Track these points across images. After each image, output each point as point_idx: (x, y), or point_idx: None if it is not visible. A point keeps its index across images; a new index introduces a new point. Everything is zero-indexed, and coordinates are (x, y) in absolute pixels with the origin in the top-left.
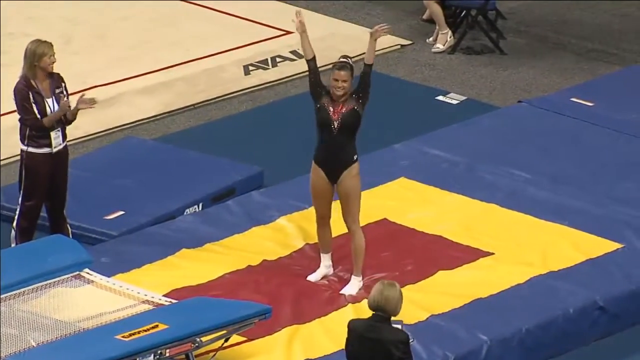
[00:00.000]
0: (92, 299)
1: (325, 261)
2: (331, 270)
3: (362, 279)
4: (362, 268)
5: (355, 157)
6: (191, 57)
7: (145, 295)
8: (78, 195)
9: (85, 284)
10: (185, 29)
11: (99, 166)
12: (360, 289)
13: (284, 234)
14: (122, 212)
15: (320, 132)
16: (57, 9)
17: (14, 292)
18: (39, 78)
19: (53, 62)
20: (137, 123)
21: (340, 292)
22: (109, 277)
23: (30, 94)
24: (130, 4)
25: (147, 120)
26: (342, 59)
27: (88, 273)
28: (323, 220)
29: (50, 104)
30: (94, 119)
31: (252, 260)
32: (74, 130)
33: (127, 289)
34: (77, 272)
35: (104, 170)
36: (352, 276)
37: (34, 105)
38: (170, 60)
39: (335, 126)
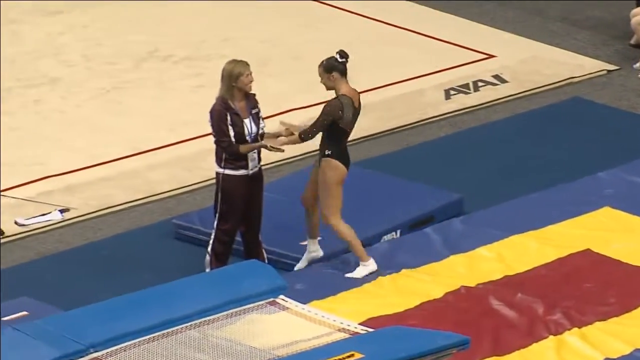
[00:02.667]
0: (287, 327)
1: (311, 246)
2: (320, 253)
3: (368, 262)
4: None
5: (327, 152)
6: (390, 80)
7: (341, 323)
8: (273, 220)
9: (280, 311)
10: (384, 52)
11: (295, 191)
12: (367, 274)
13: (483, 264)
14: (318, 238)
15: None
16: (253, 30)
17: (208, 317)
18: (236, 98)
19: (251, 82)
20: None
21: (345, 275)
22: (304, 304)
23: (228, 115)
24: (327, 26)
25: (354, 142)
26: (328, 58)
27: (283, 299)
28: (305, 203)
29: (248, 125)
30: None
31: (450, 288)
32: (270, 155)
33: (323, 316)
34: (272, 299)
35: (299, 195)
36: (360, 263)
37: (230, 127)
38: (369, 84)
39: None
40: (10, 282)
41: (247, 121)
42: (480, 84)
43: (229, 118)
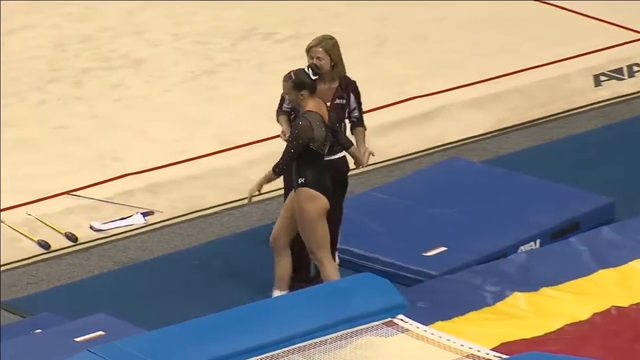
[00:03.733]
0: (407, 352)
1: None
2: None
3: None
4: None
5: (300, 181)
6: (528, 64)
7: (470, 348)
8: (391, 227)
9: (398, 333)
10: (521, 31)
11: (417, 192)
12: None
13: (638, 280)
14: (443, 248)
15: None
16: (367, 5)
17: (314, 340)
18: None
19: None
20: (463, 142)
21: None
22: (426, 325)
23: None
24: (450, 3)
25: (475, 138)
26: (297, 70)
27: (402, 320)
28: (275, 243)
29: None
30: (412, 136)
31: (598, 308)
32: (390, 149)
33: (448, 340)
34: (389, 319)
35: (422, 197)
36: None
37: None
38: (503, 69)
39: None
40: (85, 296)
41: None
42: (635, 68)
43: None
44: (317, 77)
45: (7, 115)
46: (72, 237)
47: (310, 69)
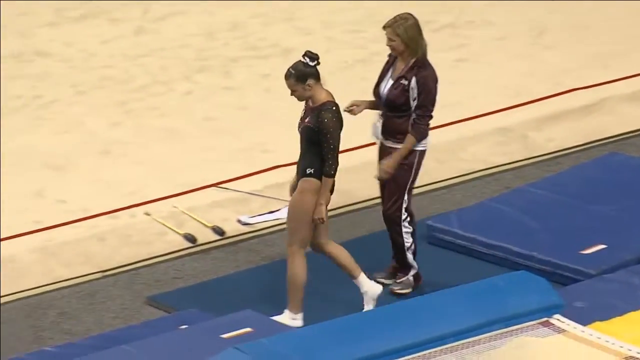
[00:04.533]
0: (563, 352)
1: (363, 285)
2: (376, 290)
3: (299, 314)
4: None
5: (308, 171)
6: None
7: (629, 350)
8: (548, 223)
9: (555, 333)
10: None
11: (575, 188)
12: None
13: None
14: (602, 246)
15: None
16: None
17: (467, 339)
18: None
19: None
20: (623, 136)
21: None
22: (584, 325)
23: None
24: None
25: (636, 133)
26: (294, 64)
27: (558, 320)
28: (315, 241)
29: (384, 85)
30: (570, 130)
31: None
32: (547, 143)
33: (607, 341)
34: (545, 318)
35: (580, 194)
36: (286, 309)
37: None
38: None
39: (299, 134)
40: (232, 291)
41: (384, 83)
42: None
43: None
44: (316, 62)
45: (157, 105)
46: (219, 231)
47: (306, 57)
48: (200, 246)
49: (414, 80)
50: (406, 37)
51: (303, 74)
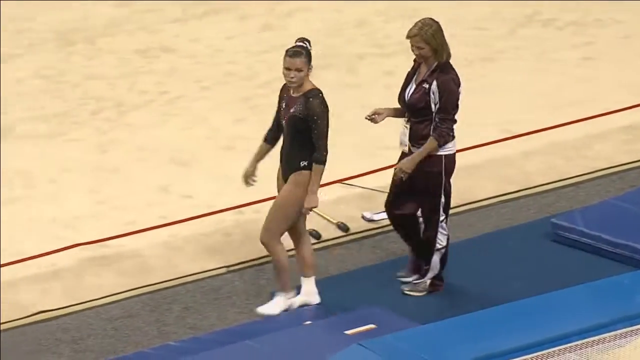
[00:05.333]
0: None
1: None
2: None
3: (291, 293)
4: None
5: (303, 164)
6: None
7: None
8: None
9: None
10: None
11: None
12: (285, 309)
13: None
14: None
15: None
16: None
17: (591, 338)
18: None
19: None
20: None
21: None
22: None
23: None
24: None
25: None
26: (298, 43)
27: None
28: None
29: (408, 90)
30: None
31: None
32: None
33: None
34: None
35: None
36: (276, 293)
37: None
38: None
39: (284, 124)
40: (356, 288)
41: (409, 88)
42: None
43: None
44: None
45: None
46: (343, 227)
47: (306, 42)
48: (325, 242)
49: (434, 83)
50: (435, 43)
51: (310, 57)
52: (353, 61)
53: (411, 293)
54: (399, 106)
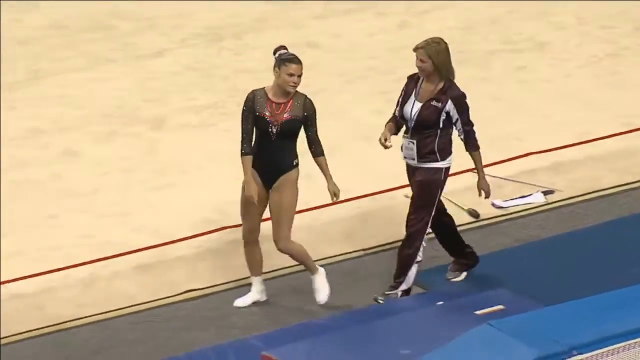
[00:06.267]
0: None
1: (257, 285)
2: (264, 297)
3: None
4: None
5: (295, 162)
6: None
7: None
8: None
9: None
10: None
11: None
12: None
13: None
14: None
15: (258, 136)
16: None
17: None
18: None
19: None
20: None
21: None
22: None
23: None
24: None
25: None
26: (285, 50)
27: None
28: (252, 236)
29: (409, 107)
30: None
31: None
32: None
33: None
34: None
35: None
36: (313, 276)
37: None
38: None
39: (274, 131)
40: (487, 270)
41: (410, 103)
42: None
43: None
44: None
45: None
46: (474, 214)
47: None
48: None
49: (449, 102)
50: (437, 60)
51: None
52: (485, 57)
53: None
54: (391, 124)
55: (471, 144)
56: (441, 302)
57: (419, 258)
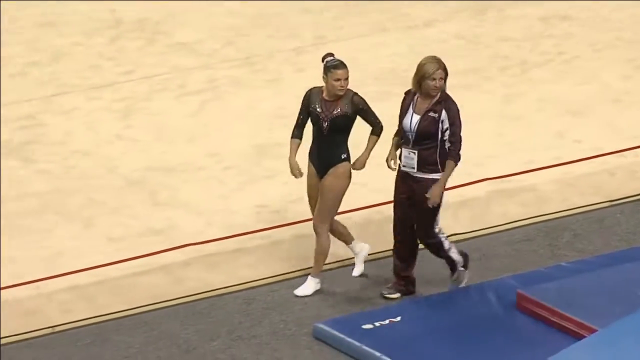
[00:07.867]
0: None
1: (355, 247)
2: (365, 250)
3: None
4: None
5: (343, 156)
6: None
7: None
8: None
9: None
10: None
11: None
12: (315, 290)
13: None
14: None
15: (313, 130)
16: None
17: None
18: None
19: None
20: None
21: (295, 292)
22: None
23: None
24: None
25: None
26: (332, 57)
27: None
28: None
29: (408, 120)
30: None
31: None
32: None
33: None
34: None
35: None
36: (309, 276)
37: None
38: None
39: (325, 126)
40: None
41: (409, 116)
42: None
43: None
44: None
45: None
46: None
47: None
48: None
49: (444, 113)
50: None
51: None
52: None
53: (390, 296)
54: (398, 139)
55: (451, 154)
56: None
57: (446, 246)
